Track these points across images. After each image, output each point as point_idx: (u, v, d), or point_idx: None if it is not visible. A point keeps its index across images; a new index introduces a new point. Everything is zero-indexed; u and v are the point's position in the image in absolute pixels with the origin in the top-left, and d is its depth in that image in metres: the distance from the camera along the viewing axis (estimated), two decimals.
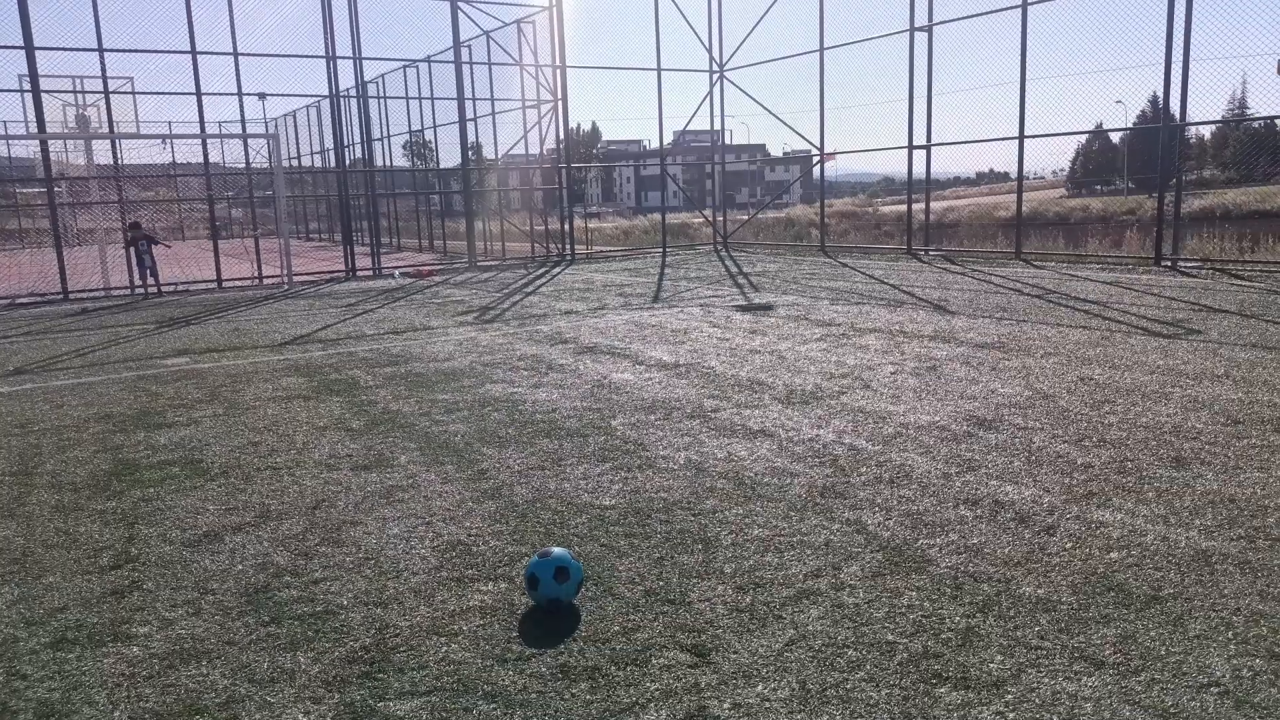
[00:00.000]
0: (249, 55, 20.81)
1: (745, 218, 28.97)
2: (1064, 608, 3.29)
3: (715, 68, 24.05)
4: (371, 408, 6.92)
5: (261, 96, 31.32)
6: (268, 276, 19.21)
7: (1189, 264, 14.72)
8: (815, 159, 22.79)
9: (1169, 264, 14.79)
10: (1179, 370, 7.00)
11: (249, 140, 25.95)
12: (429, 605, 3.55)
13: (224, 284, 18.61)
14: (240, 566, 4.00)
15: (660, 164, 26.25)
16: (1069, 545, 3.83)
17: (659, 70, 23.32)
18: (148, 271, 17.19)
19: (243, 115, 22.28)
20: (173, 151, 33.77)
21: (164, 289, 17.59)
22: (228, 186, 29.14)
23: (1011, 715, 2.66)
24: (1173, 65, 14.18)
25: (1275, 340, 8.07)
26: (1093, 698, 2.72)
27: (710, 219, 26.54)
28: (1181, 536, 3.85)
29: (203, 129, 19.28)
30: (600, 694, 2.88)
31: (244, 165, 25.61)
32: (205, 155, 22.58)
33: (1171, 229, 15.22)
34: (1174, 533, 3.90)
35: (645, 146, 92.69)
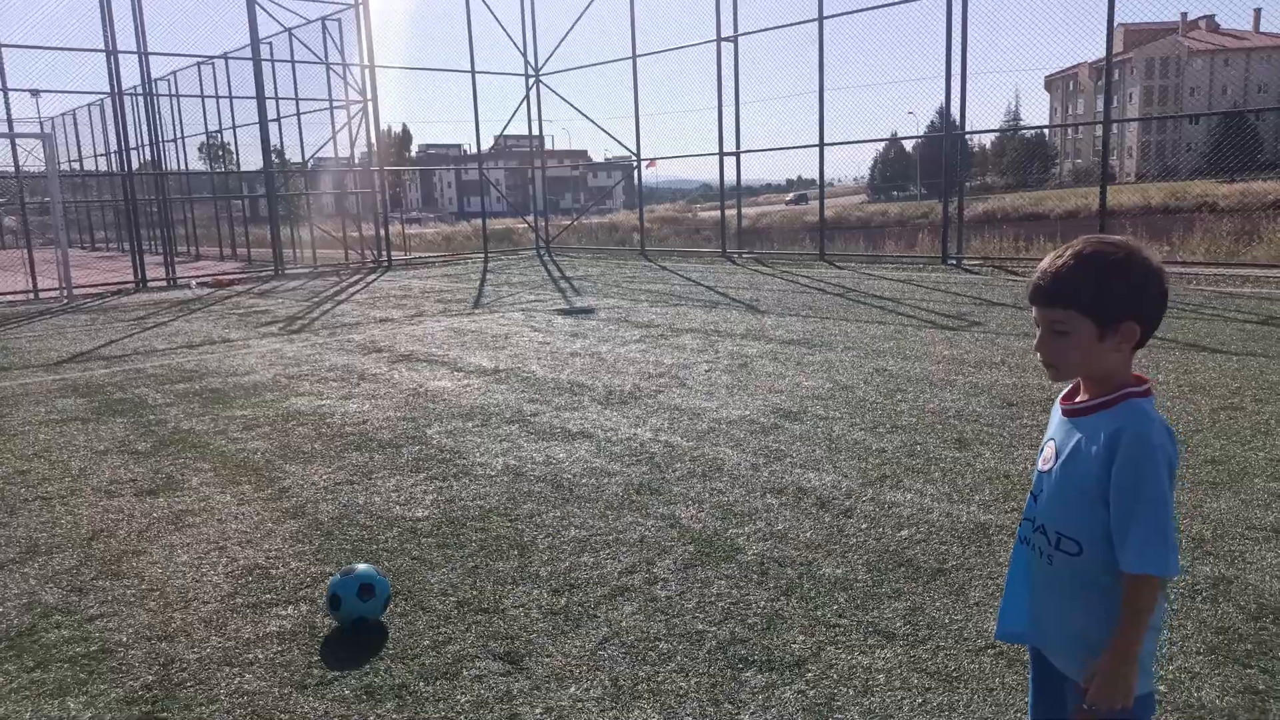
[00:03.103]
0: (16, 47, 18.91)
1: (569, 223, 29.06)
2: (860, 585, 3.47)
3: (531, 71, 23.98)
4: (160, 428, 6.41)
5: (35, 93, 28.46)
6: (44, 289, 17.46)
7: (972, 262, 16.01)
8: (634, 165, 23.16)
9: (955, 262, 16.03)
10: (962, 359, 7.58)
11: (20, 140, 23.49)
12: (221, 635, 3.31)
13: None
14: (0, 608, 3.58)
15: (479, 168, 25.90)
16: (864, 526, 4.05)
17: (473, 72, 23.00)
18: None
19: (9, 113, 20.23)
20: None
21: None
22: None
23: (811, 692, 2.77)
24: (953, 79, 15.40)
25: None
26: (885, 669, 2.88)
27: (533, 224, 26.44)
28: (963, 512, 4.16)
29: None
30: (407, 712, 2.77)
31: (14, 168, 23.11)
32: None
33: (957, 230, 16.50)
34: (957, 509, 4.20)
35: (466, 150, 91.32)
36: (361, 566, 3.39)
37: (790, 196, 64.44)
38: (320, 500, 4.72)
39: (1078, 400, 1.74)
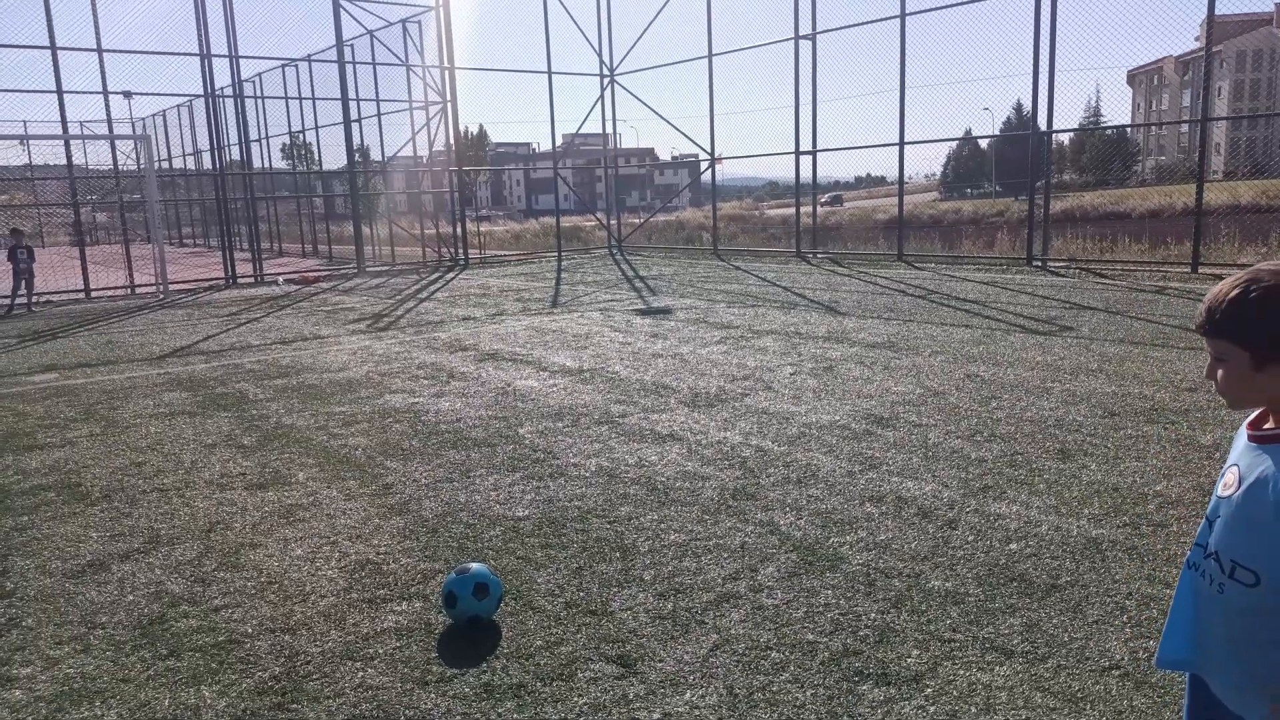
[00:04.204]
0: (115, 51, 19.70)
1: (638, 221, 29.15)
2: (971, 599, 3.42)
3: (606, 72, 24.11)
4: (263, 422, 6.63)
5: (128, 95, 29.65)
6: (140, 285, 18.19)
7: (1057, 263, 15.59)
8: (706, 164, 23.12)
9: (1039, 264, 15.63)
10: (1056, 366, 7.39)
11: (116, 141, 24.63)
12: (340, 629, 3.42)
13: (92, 293, 17.52)
14: (131, 597, 3.76)
15: (553, 168, 26.14)
16: (971, 538, 3.99)
17: (549, 73, 23.22)
18: (22, 282, 15.71)
19: (109, 114, 21.07)
20: (29, 153, 31.53)
21: (28, 301, 16.32)
22: (93, 190, 27.47)
23: (933, 709, 2.74)
24: (1040, 77, 15.01)
25: (1140, 336, 8.63)
26: (1006, 687, 2.84)
27: (604, 222, 26.59)
28: (1073, 525, 4.06)
29: (65, 129, 18.10)
30: (527, 712, 2.83)
31: (111, 167, 24.13)
32: (69, 157, 21.18)
33: (1042, 231, 16.09)
34: (1066, 522, 4.11)
35: (534, 149, 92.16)
36: (475, 566, 3.46)
37: (825, 198, 62.30)
38: (423, 497, 4.84)
39: (1266, 427, 1.69)
